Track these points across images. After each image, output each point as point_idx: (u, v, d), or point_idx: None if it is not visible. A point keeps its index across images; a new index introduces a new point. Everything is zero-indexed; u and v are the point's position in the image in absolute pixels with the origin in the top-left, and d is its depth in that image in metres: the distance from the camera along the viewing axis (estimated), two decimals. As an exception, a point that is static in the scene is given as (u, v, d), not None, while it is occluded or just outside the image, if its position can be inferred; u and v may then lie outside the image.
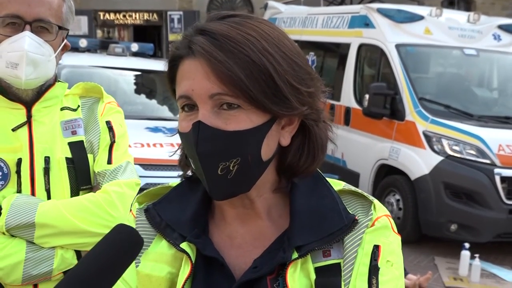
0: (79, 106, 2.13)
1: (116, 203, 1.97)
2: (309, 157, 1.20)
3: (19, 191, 1.95)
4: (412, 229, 7.48)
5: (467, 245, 6.76)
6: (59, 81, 2.14)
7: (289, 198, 1.21)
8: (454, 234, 7.23)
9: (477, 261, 6.62)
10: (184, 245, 1.19)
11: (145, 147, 6.28)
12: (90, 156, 2.06)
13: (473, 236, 7.10)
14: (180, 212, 1.23)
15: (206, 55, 1.09)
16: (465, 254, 6.73)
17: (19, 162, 1.96)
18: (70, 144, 2.04)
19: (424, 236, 7.56)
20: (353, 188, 1.24)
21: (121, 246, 1.05)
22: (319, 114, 1.20)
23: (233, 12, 1.17)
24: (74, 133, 2.06)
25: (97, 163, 2.06)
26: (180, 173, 1.29)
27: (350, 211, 1.20)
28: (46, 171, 1.98)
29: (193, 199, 1.25)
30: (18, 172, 1.95)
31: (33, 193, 1.97)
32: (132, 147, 6.12)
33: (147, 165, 6.00)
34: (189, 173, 1.27)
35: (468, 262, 6.70)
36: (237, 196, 1.17)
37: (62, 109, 2.09)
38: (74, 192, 2.02)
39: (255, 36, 1.12)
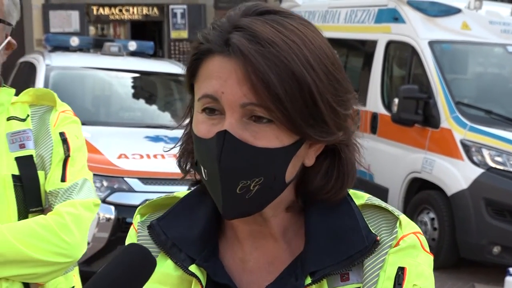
0: (28, 115, 2.09)
1: (71, 227, 1.93)
2: (338, 182, 1.20)
3: None
4: (449, 252, 7.45)
5: (512, 270, 6.72)
6: (4, 86, 2.10)
7: (304, 216, 1.22)
8: (497, 258, 7.19)
9: (523, 289, 6.57)
10: (193, 268, 1.20)
11: (144, 159, 6.31)
12: (40, 173, 2.02)
13: (519, 260, 7.06)
14: (187, 229, 1.24)
15: (245, 58, 1.09)
16: (510, 280, 6.68)
17: None
18: (17, 159, 2.00)
19: (463, 260, 7.52)
20: (377, 202, 1.25)
21: (132, 268, 1.07)
22: (350, 136, 1.21)
23: (272, 7, 1.16)
24: (22, 146, 2.02)
25: (49, 181, 2.01)
26: (186, 188, 1.31)
27: (372, 229, 1.20)
28: None
29: (202, 214, 1.25)
30: None
31: None
32: (130, 159, 6.15)
33: (147, 179, 6.03)
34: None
35: (513, 290, 6.65)
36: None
37: (8, 119, 2.05)
38: (22, 215, 1.98)
39: (298, 43, 1.11)
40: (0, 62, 2.01)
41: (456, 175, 7.40)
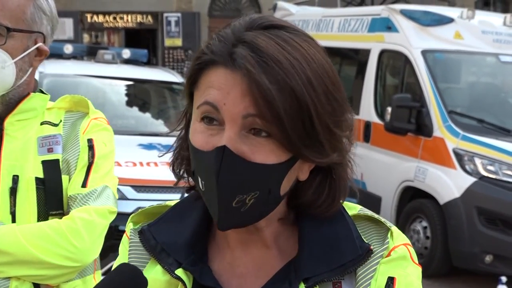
0: (61, 121, 2.13)
1: (81, 232, 1.95)
2: (329, 197, 1.22)
3: None
4: (442, 260, 7.46)
5: (504, 278, 6.71)
6: (40, 90, 2.15)
7: (297, 224, 1.24)
8: (489, 267, 7.19)
9: (515, 298, 6.58)
10: (179, 272, 1.21)
11: (137, 166, 6.30)
12: (64, 178, 2.05)
13: (511, 268, 7.06)
14: (177, 234, 1.25)
15: (249, 73, 1.10)
16: (502, 289, 6.69)
17: None
18: (43, 162, 2.03)
19: (455, 268, 7.52)
20: (369, 213, 1.26)
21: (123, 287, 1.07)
22: (344, 156, 1.22)
23: (276, 22, 1.17)
24: (50, 150, 2.05)
25: (71, 186, 2.04)
26: (179, 196, 1.32)
27: (365, 239, 1.22)
28: (13, 191, 1.99)
29: (192, 220, 1.26)
30: None
31: None
32: (123, 166, 6.15)
33: (140, 187, 6.02)
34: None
35: (505, 299, 6.66)
36: None
37: (42, 123, 2.09)
38: (42, 217, 2.01)
39: (301, 61, 1.12)
40: (26, 68, 2.04)
41: (448, 183, 7.42)
